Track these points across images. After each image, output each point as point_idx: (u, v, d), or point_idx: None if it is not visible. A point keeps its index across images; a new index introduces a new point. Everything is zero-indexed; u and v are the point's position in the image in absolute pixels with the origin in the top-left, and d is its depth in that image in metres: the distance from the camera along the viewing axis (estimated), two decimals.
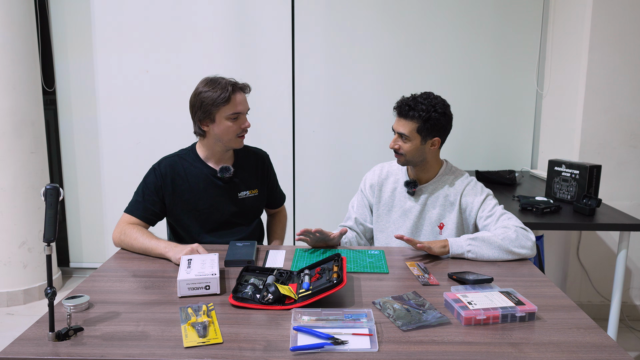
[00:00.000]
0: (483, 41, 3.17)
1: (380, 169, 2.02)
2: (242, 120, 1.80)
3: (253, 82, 3.19)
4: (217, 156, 1.88)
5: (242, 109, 1.79)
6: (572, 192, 2.42)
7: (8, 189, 2.95)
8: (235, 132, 1.79)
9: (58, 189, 1.13)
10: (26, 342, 1.12)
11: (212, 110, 1.75)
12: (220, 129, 1.78)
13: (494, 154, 3.30)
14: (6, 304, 3.04)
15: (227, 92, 1.73)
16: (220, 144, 1.83)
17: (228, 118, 1.76)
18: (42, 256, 3.11)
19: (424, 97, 1.79)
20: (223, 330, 1.18)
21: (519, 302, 1.27)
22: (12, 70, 2.89)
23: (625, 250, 2.14)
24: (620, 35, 2.66)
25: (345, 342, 1.11)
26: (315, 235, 1.73)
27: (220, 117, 1.77)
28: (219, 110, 1.75)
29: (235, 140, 1.82)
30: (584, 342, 1.15)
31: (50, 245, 1.11)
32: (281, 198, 2.18)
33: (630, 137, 2.75)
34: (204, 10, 3.14)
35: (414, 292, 1.40)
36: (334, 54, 3.18)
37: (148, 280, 1.49)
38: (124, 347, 1.10)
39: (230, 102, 1.75)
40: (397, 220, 1.94)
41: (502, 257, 1.66)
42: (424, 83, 3.16)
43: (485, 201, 1.85)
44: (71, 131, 3.32)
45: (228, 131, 1.78)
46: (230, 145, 1.83)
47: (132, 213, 1.82)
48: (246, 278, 1.43)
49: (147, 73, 3.21)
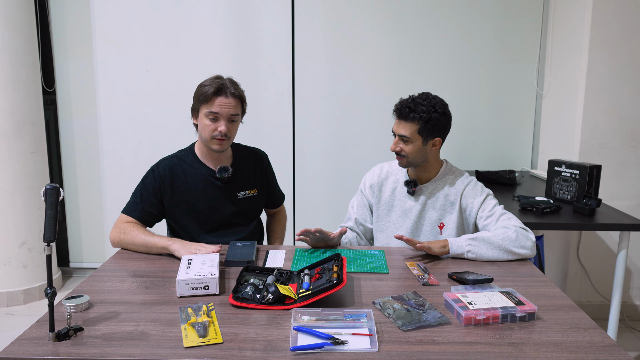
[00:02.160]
0: (483, 41, 3.17)
1: (379, 169, 2.01)
2: (219, 123, 1.78)
3: (253, 82, 3.21)
4: (212, 155, 1.88)
5: (219, 111, 1.77)
6: (572, 192, 2.42)
7: (8, 189, 2.95)
8: (210, 132, 1.78)
9: (58, 189, 1.13)
10: (26, 342, 1.12)
11: (197, 105, 1.81)
12: (200, 125, 1.81)
13: (494, 154, 3.30)
14: (6, 304, 3.04)
15: (209, 92, 1.75)
16: (202, 141, 1.85)
17: (206, 116, 1.78)
18: (42, 256, 3.10)
19: (423, 98, 1.79)
20: (223, 330, 1.18)
21: (519, 302, 1.27)
22: (12, 70, 2.89)
23: (625, 250, 2.14)
24: (620, 35, 2.66)
25: (345, 342, 1.11)
26: (315, 235, 1.73)
27: (202, 114, 1.79)
28: (200, 106, 1.79)
29: (210, 141, 1.80)
30: (584, 342, 1.15)
31: (50, 245, 1.11)
32: (280, 198, 2.18)
33: (630, 137, 2.75)
34: (204, 10, 3.14)
35: (414, 292, 1.40)
36: (334, 54, 3.18)
37: (148, 280, 1.49)
38: (124, 347, 1.10)
39: (209, 101, 1.76)
40: (397, 220, 1.94)
41: (502, 257, 1.66)
42: (424, 83, 3.16)
43: (485, 201, 1.85)
44: (71, 131, 3.32)
45: (205, 129, 1.79)
46: (207, 145, 1.83)
47: (129, 214, 1.82)
48: (246, 278, 1.43)
49: (147, 73, 3.21)
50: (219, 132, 1.78)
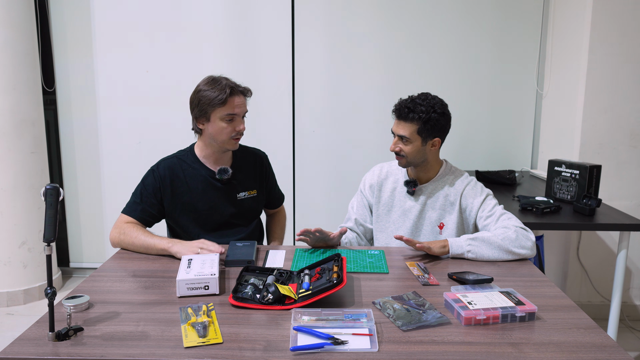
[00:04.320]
0: (483, 41, 3.17)
1: (379, 169, 2.02)
2: (237, 122, 1.79)
3: (253, 82, 3.20)
4: (214, 156, 1.88)
5: (238, 112, 1.78)
6: (572, 192, 2.42)
7: (8, 189, 2.95)
8: (229, 133, 1.78)
9: (58, 189, 1.13)
10: (26, 342, 1.12)
11: (208, 110, 1.76)
12: (214, 129, 1.78)
13: (494, 154, 3.30)
14: (6, 304, 3.04)
15: (224, 94, 1.73)
16: (215, 144, 1.83)
17: (223, 119, 1.76)
18: (42, 256, 3.10)
19: (422, 99, 1.79)
20: (223, 330, 1.18)
21: (519, 302, 1.27)
22: (12, 70, 2.89)
23: (625, 250, 2.14)
24: (620, 35, 2.66)
25: (345, 342, 1.11)
26: (315, 235, 1.73)
27: (215, 117, 1.77)
28: (214, 110, 1.75)
29: (228, 142, 1.81)
30: (584, 342, 1.15)
31: (50, 245, 1.11)
32: (280, 198, 2.18)
33: (630, 137, 2.75)
34: (204, 10, 3.14)
35: (414, 292, 1.40)
36: (334, 54, 3.18)
37: (148, 280, 1.49)
38: (124, 347, 1.10)
39: (227, 104, 1.74)
40: (397, 220, 1.94)
41: (502, 257, 1.66)
42: (424, 83, 3.16)
43: (485, 201, 1.85)
44: (71, 131, 3.32)
45: (222, 132, 1.78)
46: (224, 147, 1.82)
47: (129, 214, 1.82)
48: (246, 278, 1.43)
49: (147, 73, 3.22)
50: (238, 132, 1.79)
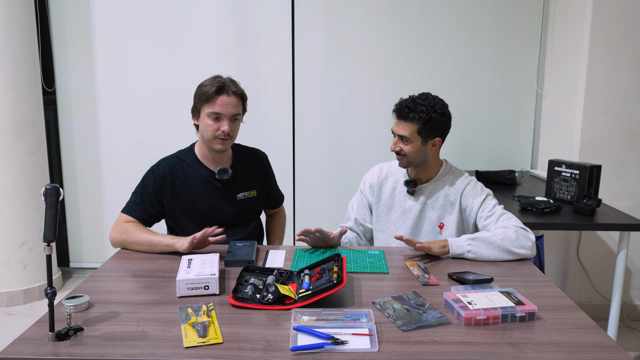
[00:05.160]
0: (483, 41, 3.17)
1: (379, 169, 2.01)
2: (222, 122, 1.78)
3: (253, 82, 3.21)
4: (212, 156, 1.88)
5: (222, 111, 1.76)
6: (572, 192, 2.42)
7: (8, 189, 2.95)
8: (212, 132, 1.78)
9: (58, 189, 1.13)
10: (26, 342, 1.12)
11: (199, 105, 1.80)
12: (202, 125, 1.81)
13: (494, 154, 3.30)
14: (6, 304, 3.04)
15: (210, 91, 1.75)
16: (204, 142, 1.84)
17: (209, 116, 1.77)
18: (42, 256, 3.10)
19: (423, 99, 1.79)
20: (223, 330, 1.18)
21: (519, 302, 1.27)
22: (12, 70, 2.89)
23: (625, 250, 2.14)
24: (620, 35, 2.66)
25: (345, 342, 1.11)
26: (315, 235, 1.73)
27: (203, 114, 1.79)
28: (202, 106, 1.79)
29: (213, 141, 1.80)
30: (584, 342, 1.15)
31: (50, 245, 1.11)
32: (280, 198, 2.18)
33: (630, 137, 2.75)
34: (204, 10, 3.14)
35: (414, 292, 1.40)
36: (333, 54, 3.18)
37: (148, 280, 1.49)
38: (124, 347, 1.10)
39: (212, 101, 1.76)
40: (397, 220, 1.94)
41: (502, 257, 1.66)
42: (424, 83, 3.16)
43: (485, 201, 1.85)
44: (71, 131, 3.32)
45: (207, 129, 1.79)
46: (210, 145, 1.82)
47: (129, 213, 1.82)
48: (246, 278, 1.43)
49: (147, 73, 3.21)
50: (222, 132, 1.78)
